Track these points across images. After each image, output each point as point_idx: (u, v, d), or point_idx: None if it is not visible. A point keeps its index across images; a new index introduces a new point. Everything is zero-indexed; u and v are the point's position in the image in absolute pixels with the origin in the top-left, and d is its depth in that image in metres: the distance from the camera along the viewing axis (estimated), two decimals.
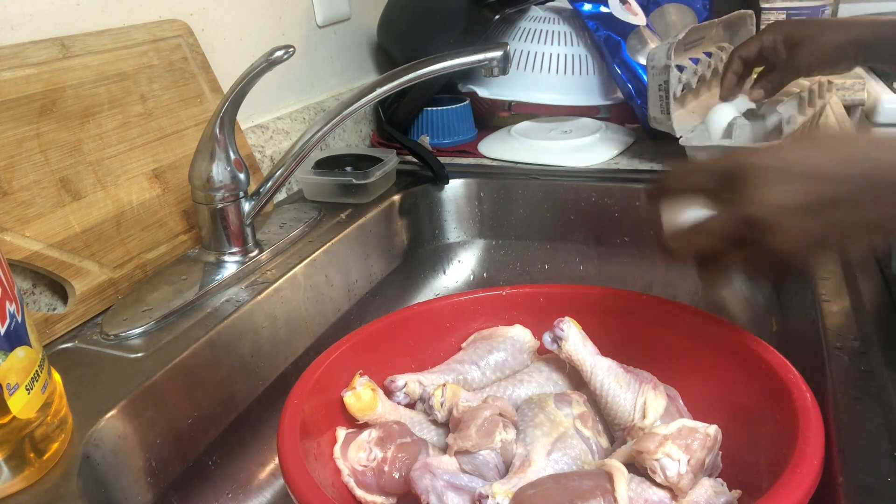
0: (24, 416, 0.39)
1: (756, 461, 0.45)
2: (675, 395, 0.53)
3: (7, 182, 0.53)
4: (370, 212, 0.78)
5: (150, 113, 0.65)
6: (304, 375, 0.49)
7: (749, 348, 0.49)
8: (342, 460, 0.48)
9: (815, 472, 0.37)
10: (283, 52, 0.57)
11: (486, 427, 0.48)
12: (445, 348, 0.60)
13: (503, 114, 1.05)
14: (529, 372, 0.57)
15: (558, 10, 1.00)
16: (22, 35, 0.58)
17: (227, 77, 0.73)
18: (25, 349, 0.39)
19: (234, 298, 0.60)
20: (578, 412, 0.50)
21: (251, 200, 0.65)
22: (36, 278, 0.56)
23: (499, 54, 0.62)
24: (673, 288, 0.82)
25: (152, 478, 0.49)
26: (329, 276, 0.70)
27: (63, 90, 0.58)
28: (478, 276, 0.89)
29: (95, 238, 0.58)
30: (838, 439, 0.39)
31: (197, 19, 0.74)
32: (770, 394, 0.45)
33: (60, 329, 0.55)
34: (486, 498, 0.41)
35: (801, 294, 0.61)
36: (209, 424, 0.55)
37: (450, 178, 0.87)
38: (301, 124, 0.87)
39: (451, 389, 0.53)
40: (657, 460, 0.42)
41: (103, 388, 0.48)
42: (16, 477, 0.40)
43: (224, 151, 0.61)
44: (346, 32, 1.01)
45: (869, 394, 0.42)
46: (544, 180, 0.85)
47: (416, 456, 0.48)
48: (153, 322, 0.56)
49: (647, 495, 0.42)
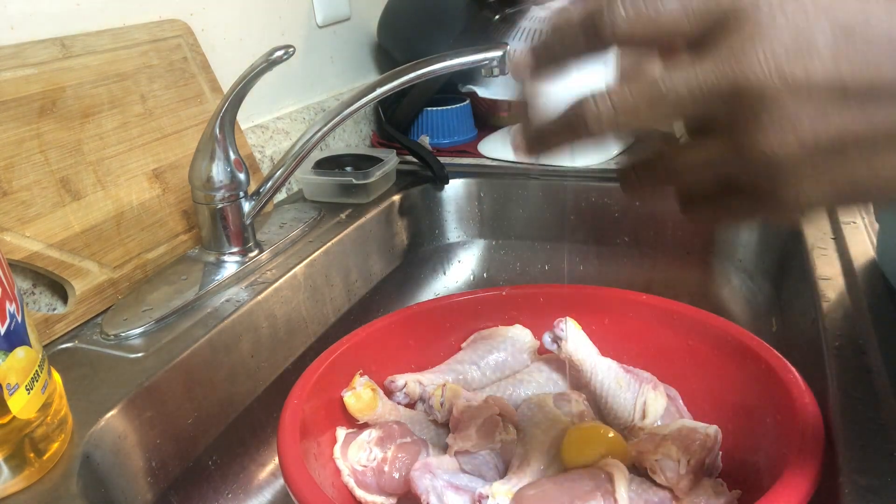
0: (24, 416, 0.39)
1: (756, 461, 0.45)
2: (675, 395, 0.53)
3: (7, 182, 0.53)
4: (370, 212, 0.78)
5: (150, 113, 0.65)
6: (304, 375, 0.49)
7: (749, 348, 0.49)
8: (342, 460, 0.48)
9: (815, 472, 0.37)
10: (283, 52, 0.57)
11: (486, 427, 0.48)
12: (445, 348, 0.60)
13: (503, 114, 1.05)
14: (529, 372, 0.57)
15: None
16: (22, 35, 0.58)
17: (227, 77, 0.73)
18: (25, 349, 0.39)
19: (234, 298, 0.60)
20: (578, 411, 0.50)
21: (251, 200, 0.65)
22: (36, 278, 0.56)
23: (499, 54, 0.62)
24: (673, 288, 0.82)
25: (152, 478, 0.49)
26: (329, 276, 0.70)
27: (63, 90, 0.58)
28: (478, 276, 0.89)
29: (95, 238, 0.58)
30: (838, 439, 0.39)
31: (197, 19, 0.74)
32: (770, 394, 0.45)
33: (60, 329, 0.55)
34: (486, 498, 0.41)
35: (801, 294, 0.61)
36: (209, 424, 0.55)
37: (450, 178, 0.87)
38: (301, 124, 0.87)
39: (451, 389, 0.53)
40: (657, 461, 0.43)
41: (103, 388, 0.48)
42: (16, 477, 0.40)
43: (224, 151, 0.61)
44: (345, 32, 1.01)
45: (869, 394, 0.42)
46: (544, 180, 0.85)
47: (416, 456, 0.48)
48: (153, 322, 0.55)
49: (647, 496, 0.42)
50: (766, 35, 0.23)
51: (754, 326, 0.72)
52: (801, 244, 0.64)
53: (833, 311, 0.51)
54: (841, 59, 0.23)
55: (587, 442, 0.46)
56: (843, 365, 0.45)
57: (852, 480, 0.36)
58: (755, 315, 0.74)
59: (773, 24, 0.23)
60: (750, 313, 0.75)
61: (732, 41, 0.24)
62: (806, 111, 0.23)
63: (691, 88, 0.24)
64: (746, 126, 0.24)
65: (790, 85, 0.23)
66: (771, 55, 0.23)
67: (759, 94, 0.24)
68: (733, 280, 0.79)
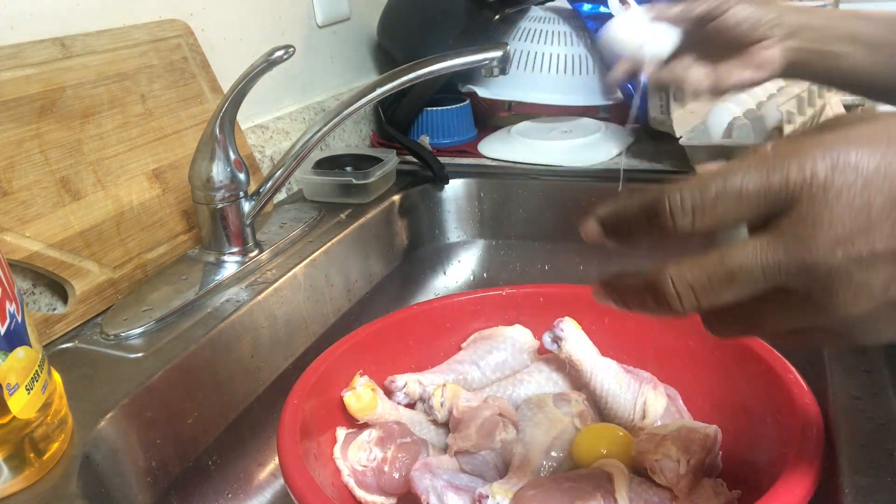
0: (24, 416, 0.39)
1: (756, 461, 0.45)
2: (675, 395, 0.53)
3: (7, 182, 0.53)
4: (370, 212, 0.78)
5: (150, 113, 0.65)
6: (304, 375, 0.49)
7: (749, 348, 0.49)
8: (342, 460, 0.48)
9: (815, 472, 0.37)
10: (283, 52, 0.57)
11: (486, 427, 0.48)
12: (445, 348, 0.60)
13: (503, 114, 1.05)
14: (529, 372, 0.57)
15: (558, 10, 1.00)
16: (22, 35, 0.58)
17: (227, 77, 0.73)
18: (25, 349, 0.39)
19: (234, 298, 0.60)
20: (577, 411, 0.50)
21: (251, 200, 0.65)
22: (36, 278, 0.56)
23: (499, 54, 0.62)
24: None
25: (152, 478, 0.49)
26: (329, 276, 0.70)
27: (63, 90, 0.58)
28: (478, 276, 0.89)
29: (95, 238, 0.58)
30: (838, 439, 0.39)
31: (197, 19, 0.74)
32: (770, 394, 0.45)
33: (60, 329, 0.55)
34: (486, 498, 0.41)
35: None
36: (209, 424, 0.55)
37: (450, 178, 0.87)
38: (301, 124, 0.87)
39: (451, 389, 0.53)
40: (657, 461, 0.43)
41: (103, 388, 0.48)
42: (16, 477, 0.40)
43: (224, 151, 0.61)
44: (346, 32, 1.01)
45: (869, 394, 0.42)
46: (544, 180, 0.85)
47: (416, 456, 0.48)
48: (153, 322, 0.55)
49: (646, 496, 0.42)
50: (824, 218, 0.25)
51: None
52: None
53: None
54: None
55: (599, 441, 0.46)
56: (843, 365, 0.45)
57: (852, 480, 0.36)
58: None
59: (828, 205, 0.25)
60: None
61: (795, 226, 0.25)
62: (877, 279, 0.25)
63: (764, 269, 0.26)
64: (822, 297, 0.26)
65: (857, 261, 0.25)
66: (833, 237, 0.24)
67: (827, 273, 0.25)
68: None
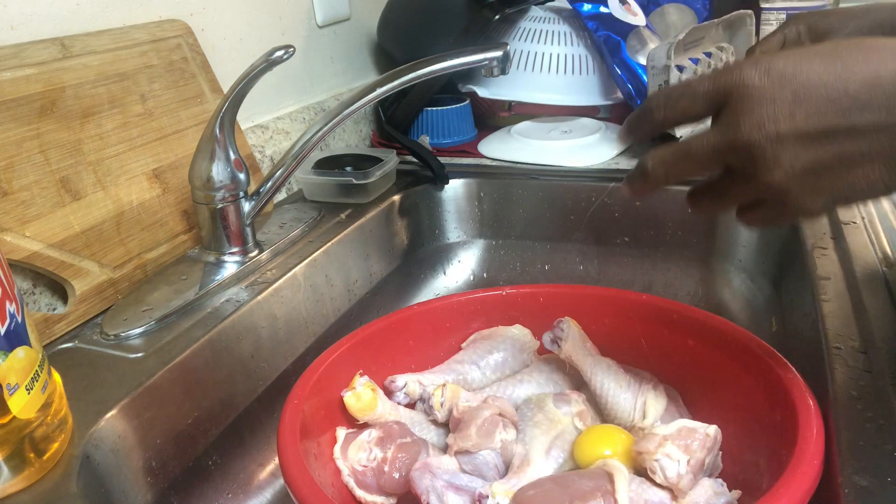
0: (24, 416, 0.39)
1: (756, 461, 0.45)
2: (675, 395, 0.53)
3: (7, 182, 0.53)
4: (370, 212, 0.78)
5: (150, 113, 0.65)
6: (304, 375, 0.49)
7: (749, 348, 0.49)
8: (342, 460, 0.48)
9: (815, 472, 0.37)
10: (283, 52, 0.57)
11: (486, 427, 0.48)
12: (445, 348, 0.60)
13: (503, 114, 1.05)
14: (529, 372, 0.57)
15: (558, 10, 1.00)
16: (22, 35, 0.58)
17: (227, 77, 0.73)
18: (25, 349, 0.39)
19: (234, 298, 0.60)
20: (577, 410, 0.50)
21: (251, 200, 0.65)
22: (36, 278, 0.56)
23: (499, 54, 0.62)
24: (673, 288, 0.82)
25: (152, 478, 0.49)
26: (329, 276, 0.70)
27: (63, 90, 0.58)
28: (478, 276, 0.89)
29: (95, 238, 0.58)
30: (838, 439, 0.39)
31: (197, 19, 0.74)
32: (770, 394, 0.45)
33: (60, 329, 0.55)
34: (486, 498, 0.41)
35: (801, 294, 0.61)
36: (209, 424, 0.55)
37: (450, 178, 0.87)
38: (301, 124, 0.87)
39: (451, 389, 0.53)
40: (657, 461, 0.42)
41: (103, 388, 0.48)
42: (16, 477, 0.40)
43: (224, 151, 0.61)
44: (346, 32, 1.01)
45: (869, 394, 0.42)
46: (544, 180, 0.85)
47: (416, 456, 0.48)
48: (153, 322, 0.56)
49: (647, 496, 0.42)
50: (746, 108, 0.35)
51: (754, 326, 0.72)
52: (801, 244, 0.64)
53: (833, 311, 0.51)
54: (797, 115, 0.34)
55: (600, 441, 0.46)
56: (843, 365, 0.45)
57: (852, 480, 0.36)
58: (755, 315, 0.74)
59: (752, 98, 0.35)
60: (750, 313, 0.75)
61: (728, 116, 0.36)
62: (785, 153, 0.34)
63: (709, 148, 0.37)
64: (751, 169, 0.36)
65: (768, 139, 0.34)
66: (753, 122, 0.35)
67: (749, 149, 0.35)
68: (733, 280, 0.79)
